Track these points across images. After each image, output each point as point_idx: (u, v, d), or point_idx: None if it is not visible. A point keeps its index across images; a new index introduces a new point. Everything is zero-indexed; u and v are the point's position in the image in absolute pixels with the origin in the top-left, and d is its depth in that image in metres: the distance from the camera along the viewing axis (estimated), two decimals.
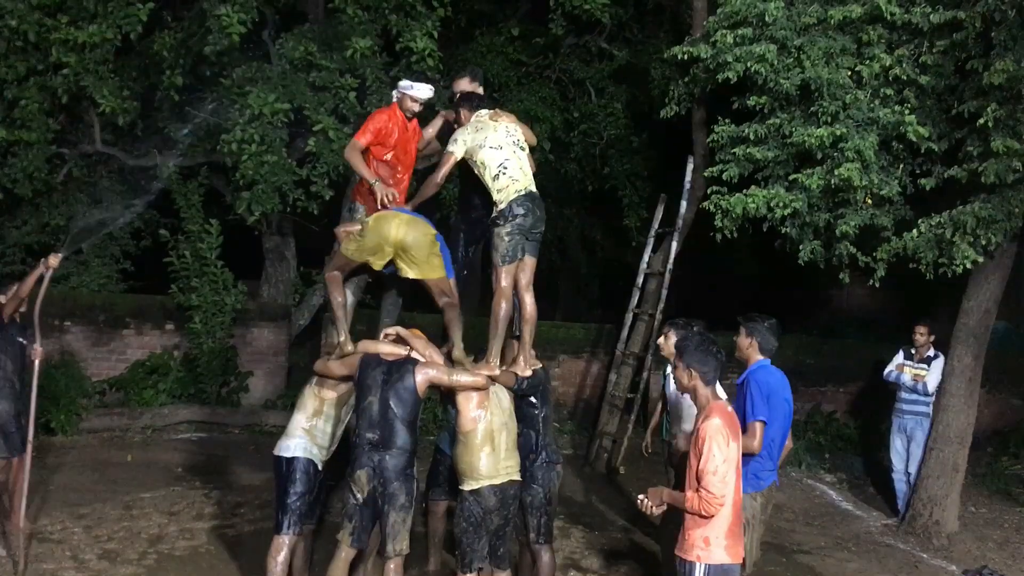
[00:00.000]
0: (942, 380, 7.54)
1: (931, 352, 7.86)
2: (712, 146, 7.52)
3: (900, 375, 7.93)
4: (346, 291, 5.34)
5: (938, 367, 7.67)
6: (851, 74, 6.74)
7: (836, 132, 6.52)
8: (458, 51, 10.48)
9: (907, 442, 7.87)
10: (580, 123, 10.96)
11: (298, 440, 4.94)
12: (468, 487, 4.73)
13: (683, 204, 9.06)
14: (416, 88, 5.54)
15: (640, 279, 9.43)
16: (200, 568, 5.67)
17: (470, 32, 10.75)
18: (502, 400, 4.88)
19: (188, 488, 7.31)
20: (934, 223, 6.52)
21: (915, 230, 6.61)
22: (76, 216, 9.17)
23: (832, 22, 6.75)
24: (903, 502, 7.86)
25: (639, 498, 4.25)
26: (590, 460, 9.23)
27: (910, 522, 7.55)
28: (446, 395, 5.11)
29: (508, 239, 5.03)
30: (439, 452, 5.73)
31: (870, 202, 6.83)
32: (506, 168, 5.09)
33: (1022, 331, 12.28)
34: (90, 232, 7.26)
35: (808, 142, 6.60)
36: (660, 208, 9.43)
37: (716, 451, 3.81)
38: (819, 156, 6.73)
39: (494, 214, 5.09)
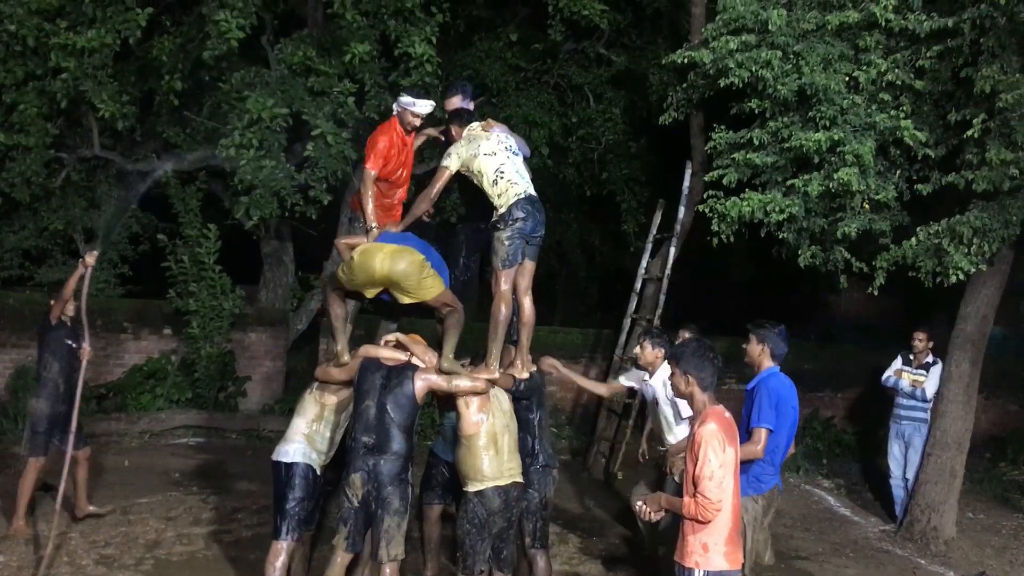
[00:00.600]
0: (940, 386, 7.55)
1: (929, 358, 7.86)
2: (710, 152, 7.54)
3: (899, 381, 7.94)
4: (347, 304, 5.34)
5: (936, 373, 7.67)
6: (848, 79, 6.77)
7: (834, 136, 6.53)
8: (456, 56, 10.49)
9: (905, 448, 7.87)
10: (578, 128, 10.97)
11: (297, 445, 4.94)
12: (472, 488, 4.74)
13: (681, 209, 9.07)
14: (418, 104, 5.60)
15: (638, 284, 9.44)
16: (197, 574, 5.64)
17: (469, 37, 10.75)
18: (502, 403, 4.89)
19: (186, 493, 7.29)
20: (932, 231, 6.54)
21: (914, 238, 6.62)
22: (105, 211, 9.17)
23: (830, 28, 6.77)
24: (901, 508, 7.86)
25: (638, 504, 4.25)
26: (588, 465, 9.22)
27: (908, 528, 7.55)
28: (445, 400, 5.11)
29: (508, 243, 5.03)
30: (433, 456, 5.73)
31: (867, 207, 6.84)
32: (503, 172, 5.10)
33: (1019, 337, 12.30)
34: (118, 223, 7.40)
35: (807, 146, 6.61)
36: (658, 213, 9.44)
37: (712, 456, 3.81)
38: (817, 161, 6.74)
39: (494, 218, 5.09)
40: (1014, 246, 7.01)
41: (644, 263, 9.44)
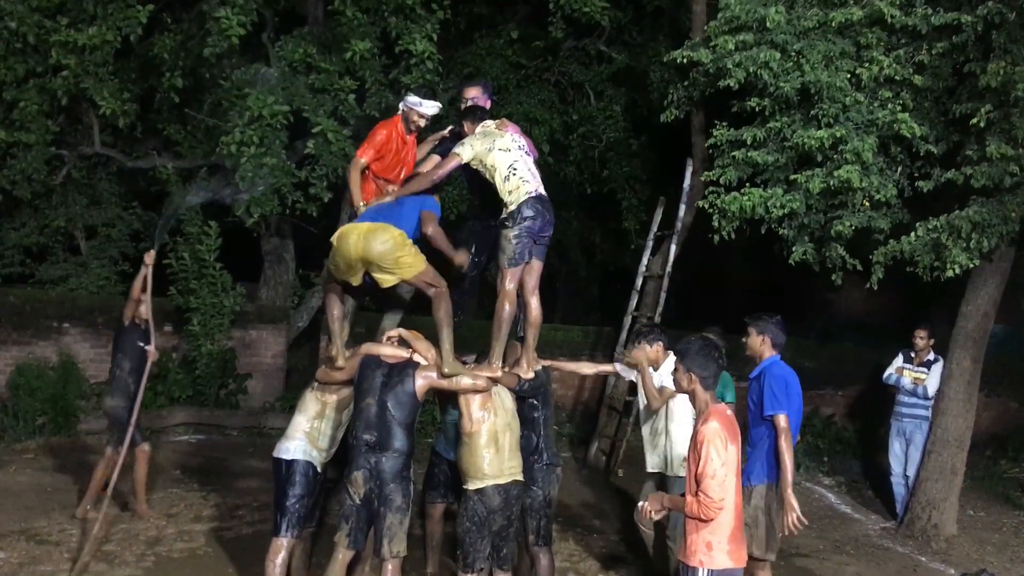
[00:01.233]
0: (941, 384, 7.55)
1: (931, 356, 7.87)
2: (711, 150, 7.54)
3: (900, 378, 7.94)
4: (345, 303, 5.31)
5: (938, 371, 7.67)
6: (850, 77, 6.76)
7: (836, 134, 6.54)
8: (457, 54, 10.48)
9: (906, 445, 7.88)
10: (579, 126, 10.96)
11: (298, 442, 4.94)
12: (472, 486, 4.74)
13: (682, 207, 9.07)
14: (425, 105, 5.55)
15: (639, 282, 9.44)
16: (198, 570, 5.65)
17: (469, 35, 10.74)
18: (505, 401, 4.88)
19: (186, 490, 7.30)
20: (931, 227, 6.54)
21: (912, 233, 6.62)
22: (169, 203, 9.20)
23: (832, 25, 6.77)
24: (902, 505, 7.87)
25: (639, 504, 4.25)
26: (588, 463, 9.23)
27: (909, 525, 7.56)
28: (447, 397, 5.11)
29: (515, 242, 5.02)
30: (435, 455, 5.73)
31: (867, 204, 6.84)
32: (515, 169, 5.10)
33: (1020, 335, 12.30)
34: (171, 217, 7.46)
35: (808, 144, 6.61)
36: (659, 211, 9.44)
37: (714, 455, 3.81)
38: (819, 158, 6.74)
39: (503, 215, 5.08)
40: (1015, 243, 7.01)
41: (645, 261, 9.44)
